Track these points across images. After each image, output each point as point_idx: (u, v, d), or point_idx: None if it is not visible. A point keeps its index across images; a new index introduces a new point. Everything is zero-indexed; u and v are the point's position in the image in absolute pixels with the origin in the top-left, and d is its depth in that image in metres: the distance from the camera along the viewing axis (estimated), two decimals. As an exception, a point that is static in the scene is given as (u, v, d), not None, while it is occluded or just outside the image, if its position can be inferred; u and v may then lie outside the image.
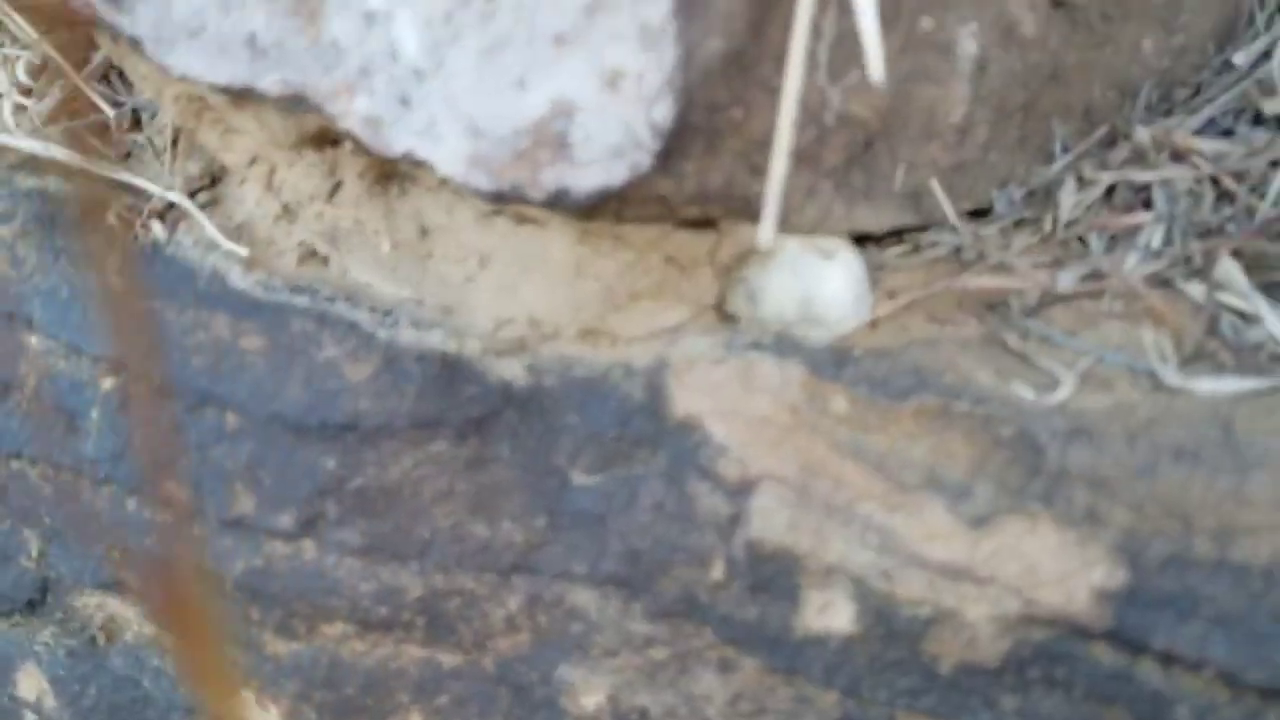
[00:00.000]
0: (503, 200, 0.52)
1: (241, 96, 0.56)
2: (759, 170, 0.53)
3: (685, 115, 0.49)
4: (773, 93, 0.51)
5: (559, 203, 0.51)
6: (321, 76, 0.54)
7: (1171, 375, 0.55)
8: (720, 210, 0.54)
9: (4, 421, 0.69)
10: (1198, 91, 0.71)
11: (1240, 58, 0.71)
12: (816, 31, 0.54)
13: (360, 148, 0.55)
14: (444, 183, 0.54)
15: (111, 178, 0.72)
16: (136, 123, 0.77)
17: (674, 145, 0.49)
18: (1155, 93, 0.71)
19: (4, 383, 0.68)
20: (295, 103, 0.55)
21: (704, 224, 0.57)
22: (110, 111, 0.77)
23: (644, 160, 0.49)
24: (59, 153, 0.73)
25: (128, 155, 0.76)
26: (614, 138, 0.49)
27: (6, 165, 0.74)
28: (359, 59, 0.53)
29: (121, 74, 0.79)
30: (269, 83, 0.55)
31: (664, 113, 0.48)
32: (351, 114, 0.54)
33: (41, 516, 0.69)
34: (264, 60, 0.55)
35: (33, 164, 0.74)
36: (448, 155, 0.52)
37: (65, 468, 0.68)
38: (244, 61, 0.55)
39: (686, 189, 0.51)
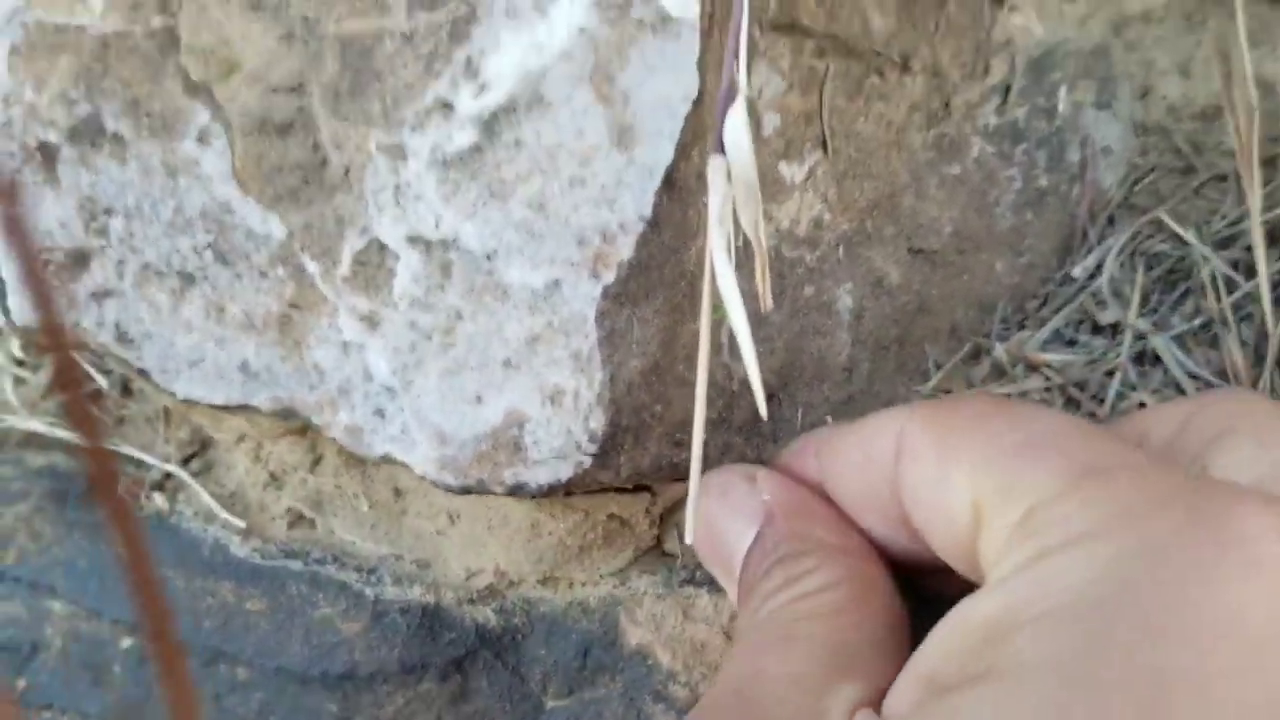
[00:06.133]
0: (469, 492, 0.62)
1: (237, 410, 0.66)
2: (682, 444, 0.64)
3: (616, 422, 0.59)
4: (686, 385, 0.62)
5: (516, 493, 0.61)
6: (308, 394, 0.64)
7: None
8: (651, 479, 0.65)
9: (34, 678, 0.77)
10: (1045, 301, 0.83)
11: (1078, 270, 0.83)
12: (719, 323, 0.65)
13: (343, 448, 0.65)
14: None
15: (111, 450, 0.81)
16: (127, 389, 0.86)
17: (608, 446, 0.60)
18: (1009, 306, 0.83)
19: (33, 643, 0.76)
20: (285, 414, 0.65)
21: (640, 488, 0.68)
22: (103, 382, 0.86)
23: (585, 460, 0.59)
24: (60, 431, 0.82)
25: (121, 420, 0.85)
26: (558, 443, 0.60)
27: (15, 444, 0.83)
28: (338, 380, 0.63)
29: (106, 337, 0.88)
30: (261, 400, 0.64)
31: (598, 423, 0.59)
32: (335, 424, 0.63)
33: (70, 765, 0.77)
34: (256, 382, 0.64)
35: (39, 440, 0.82)
36: (421, 458, 0.62)
37: (92, 716, 0.76)
38: (238, 384, 0.65)
39: (622, 473, 0.62)
